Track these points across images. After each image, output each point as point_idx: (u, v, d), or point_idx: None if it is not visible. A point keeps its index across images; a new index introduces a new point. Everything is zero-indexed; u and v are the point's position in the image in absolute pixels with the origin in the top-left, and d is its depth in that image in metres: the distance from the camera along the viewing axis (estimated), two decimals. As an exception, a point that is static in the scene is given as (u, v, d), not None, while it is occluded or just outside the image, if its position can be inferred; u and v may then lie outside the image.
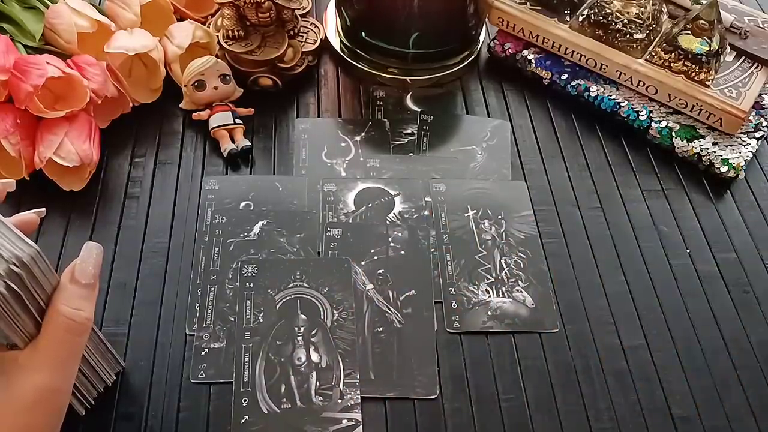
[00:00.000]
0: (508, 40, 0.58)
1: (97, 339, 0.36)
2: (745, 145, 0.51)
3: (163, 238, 0.46)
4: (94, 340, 0.36)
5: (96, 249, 0.32)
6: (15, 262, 0.27)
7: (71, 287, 0.31)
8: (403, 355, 0.41)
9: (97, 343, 0.36)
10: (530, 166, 0.52)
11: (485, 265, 0.46)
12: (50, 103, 0.47)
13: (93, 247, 0.32)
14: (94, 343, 0.36)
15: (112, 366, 0.39)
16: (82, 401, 0.37)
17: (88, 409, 0.37)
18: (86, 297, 0.31)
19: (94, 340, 0.36)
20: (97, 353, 0.37)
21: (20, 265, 0.28)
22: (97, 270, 0.32)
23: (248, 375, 0.40)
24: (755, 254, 0.48)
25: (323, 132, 0.53)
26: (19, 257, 0.28)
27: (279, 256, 0.45)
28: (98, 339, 0.36)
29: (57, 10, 0.50)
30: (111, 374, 0.39)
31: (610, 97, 0.54)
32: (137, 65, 0.54)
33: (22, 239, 0.28)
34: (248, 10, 0.51)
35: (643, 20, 0.54)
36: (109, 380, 0.39)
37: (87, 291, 0.31)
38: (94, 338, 0.36)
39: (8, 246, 0.28)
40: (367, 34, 0.56)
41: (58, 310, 0.30)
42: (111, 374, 0.39)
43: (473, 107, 0.56)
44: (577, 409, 0.40)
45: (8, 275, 0.27)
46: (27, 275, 0.28)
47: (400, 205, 0.49)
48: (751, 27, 0.55)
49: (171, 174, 0.50)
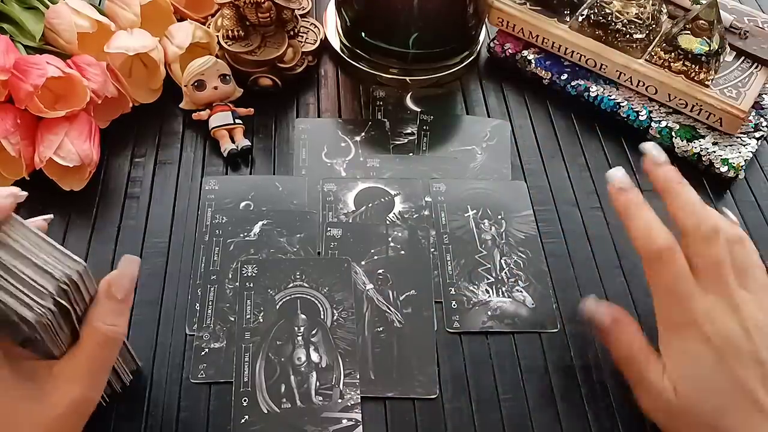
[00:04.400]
0: (507, 41, 0.58)
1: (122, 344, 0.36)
2: (745, 145, 0.51)
3: (163, 238, 0.46)
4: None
5: (135, 263, 0.33)
6: (66, 281, 0.28)
7: (107, 302, 0.31)
8: (403, 355, 0.41)
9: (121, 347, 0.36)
10: (530, 166, 0.52)
11: (485, 265, 0.46)
12: (50, 103, 0.47)
13: (131, 261, 0.33)
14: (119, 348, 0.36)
15: (130, 365, 0.39)
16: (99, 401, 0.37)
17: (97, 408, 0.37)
18: (121, 312, 0.32)
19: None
20: (120, 356, 0.37)
21: (70, 283, 0.28)
22: (132, 284, 0.32)
23: (248, 375, 0.40)
24: (755, 254, 0.48)
25: (323, 132, 0.53)
26: (69, 276, 0.28)
27: (279, 256, 0.45)
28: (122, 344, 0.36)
29: (57, 10, 0.50)
30: (129, 374, 0.39)
31: (610, 97, 0.54)
32: (137, 65, 0.54)
33: (69, 256, 0.29)
34: (248, 10, 0.51)
35: (642, 20, 0.54)
36: (127, 380, 0.39)
37: (122, 306, 0.32)
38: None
39: (57, 265, 0.28)
40: (367, 34, 0.56)
41: (95, 326, 0.31)
42: (129, 374, 0.39)
43: (473, 107, 0.56)
44: (577, 409, 0.40)
45: (58, 293, 0.27)
46: (74, 291, 0.29)
47: (400, 205, 0.49)
48: (750, 27, 0.55)
49: (171, 174, 0.50)
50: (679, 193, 0.37)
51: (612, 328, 0.37)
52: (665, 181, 0.38)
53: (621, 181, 0.38)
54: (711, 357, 0.33)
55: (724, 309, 0.33)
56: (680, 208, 0.37)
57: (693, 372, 0.33)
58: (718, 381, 0.32)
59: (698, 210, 0.36)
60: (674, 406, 0.33)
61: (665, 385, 0.34)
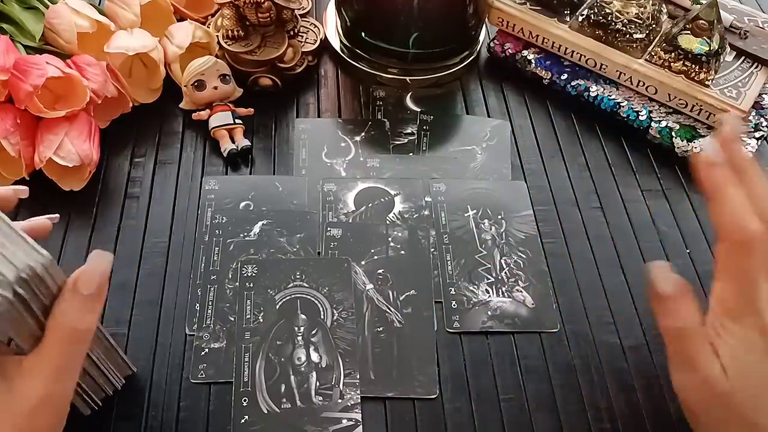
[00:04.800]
0: (507, 40, 0.58)
1: (108, 345, 0.36)
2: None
3: (163, 238, 0.46)
4: (104, 345, 0.36)
5: (105, 258, 0.32)
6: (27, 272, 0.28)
7: (72, 298, 0.30)
8: (403, 355, 0.41)
9: (108, 348, 0.36)
10: (530, 166, 0.52)
11: (485, 265, 0.46)
12: (50, 103, 0.47)
13: (101, 256, 0.32)
14: (105, 348, 0.36)
15: (123, 370, 0.39)
16: (89, 402, 0.37)
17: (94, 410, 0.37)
18: (87, 308, 0.31)
19: (105, 345, 0.36)
20: (109, 359, 0.37)
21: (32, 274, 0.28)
22: (104, 279, 0.31)
23: (248, 375, 0.40)
24: (755, 254, 0.48)
25: (323, 132, 0.53)
26: (32, 267, 0.28)
27: (279, 256, 0.45)
28: (109, 345, 0.36)
29: (57, 10, 0.50)
30: (120, 378, 0.39)
31: (610, 97, 0.54)
32: (137, 65, 0.54)
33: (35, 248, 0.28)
34: (248, 10, 0.51)
35: (642, 20, 0.54)
36: (119, 384, 0.39)
37: (88, 301, 0.31)
38: (104, 343, 0.36)
39: (22, 256, 0.28)
40: (366, 34, 0.56)
41: (57, 321, 0.30)
42: (120, 378, 0.39)
43: (473, 107, 0.56)
44: (577, 409, 0.40)
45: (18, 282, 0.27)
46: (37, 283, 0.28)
47: (400, 205, 0.49)
48: (751, 27, 0.55)
49: (171, 174, 0.50)
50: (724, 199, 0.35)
51: (673, 297, 0.35)
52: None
53: (712, 154, 0.35)
54: (764, 348, 0.31)
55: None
56: (726, 206, 0.34)
57: (746, 358, 0.32)
58: (765, 373, 0.32)
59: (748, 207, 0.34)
60: (720, 388, 0.32)
61: (715, 366, 0.32)
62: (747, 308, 0.33)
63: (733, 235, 0.34)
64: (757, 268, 0.33)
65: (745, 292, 0.33)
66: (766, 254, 0.33)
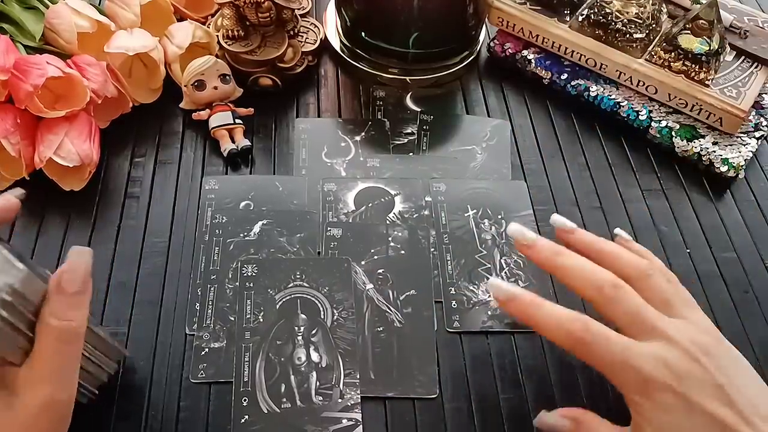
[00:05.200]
0: (508, 40, 0.58)
1: (98, 337, 0.36)
2: (745, 144, 0.51)
3: (163, 237, 0.46)
4: (94, 338, 0.36)
5: (85, 254, 0.31)
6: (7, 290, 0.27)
7: (59, 298, 0.30)
8: (403, 354, 0.41)
9: (98, 340, 0.36)
10: (530, 166, 0.52)
11: (485, 264, 0.46)
12: (50, 103, 0.47)
13: (81, 252, 0.31)
14: (95, 341, 0.36)
15: (115, 356, 0.39)
16: (86, 394, 0.37)
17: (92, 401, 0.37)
18: (75, 306, 0.31)
19: (94, 338, 0.36)
20: (99, 349, 0.37)
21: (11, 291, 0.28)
22: (87, 275, 0.31)
23: (248, 375, 0.40)
24: (755, 254, 0.48)
25: (323, 132, 0.53)
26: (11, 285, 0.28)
27: (279, 255, 0.45)
28: (99, 337, 0.36)
29: (57, 10, 0.50)
30: (113, 363, 0.39)
31: (610, 96, 0.54)
32: (137, 65, 0.54)
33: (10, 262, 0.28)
34: (248, 10, 0.51)
35: (642, 20, 0.54)
36: (112, 370, 0.39)
37: (76, 299, 0.31)
38: (94, 336, 0.36)
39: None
40: (367, 34, 0.56)
41: (48, 323, 0.30)
42: (113, 363, 0.39)
43: (473, 107, 0.56)
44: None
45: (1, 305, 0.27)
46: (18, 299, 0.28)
47: (400, 205, 0.49)
48: (751, 27, 0.55)
49: (171, 174, 0.50)
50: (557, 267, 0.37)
51: (578, 429, 0.36)
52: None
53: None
54: (681, 404, 0.31)
55: (665, 348, 0.32)
56: (569, 277, 0.36)
57: (671, 425, 0.32)
58: (696, 425, 0.31)
59: (588, 273, 0.36)
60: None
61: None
62: (640, 379, 0.32)
63: (567, 342, 0.35)
64: (614, 347, 0.33)
65: (626, 371, 0.33)
66: (610, 334, 0.34)
